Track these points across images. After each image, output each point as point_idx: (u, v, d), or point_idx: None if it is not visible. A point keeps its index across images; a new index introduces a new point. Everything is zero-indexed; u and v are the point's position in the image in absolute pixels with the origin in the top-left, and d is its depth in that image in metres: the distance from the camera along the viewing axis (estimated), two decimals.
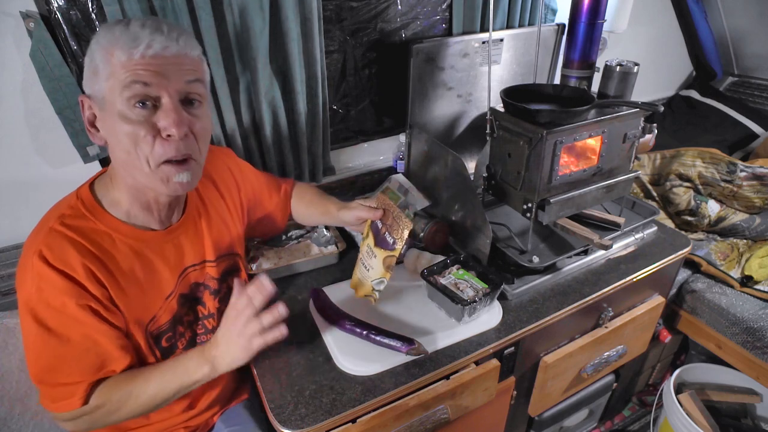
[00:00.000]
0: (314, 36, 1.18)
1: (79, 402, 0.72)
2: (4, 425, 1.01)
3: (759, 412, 1.55)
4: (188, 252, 0.85)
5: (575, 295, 1.10)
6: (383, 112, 1.51)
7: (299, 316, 1.05)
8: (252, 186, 1.01)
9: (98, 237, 0.72)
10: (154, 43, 0.65)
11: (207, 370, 0.74)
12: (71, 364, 0.72)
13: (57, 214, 0.71)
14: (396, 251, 0.89)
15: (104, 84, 0.66)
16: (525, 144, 1.02)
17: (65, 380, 0.72)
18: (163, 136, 0.68)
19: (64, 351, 0.71)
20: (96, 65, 0.66)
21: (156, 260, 0.79)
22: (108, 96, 0.66)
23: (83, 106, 0.70)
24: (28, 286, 0.68)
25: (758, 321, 1.35)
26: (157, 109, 0.67)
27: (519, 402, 1.24)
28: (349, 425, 0.86)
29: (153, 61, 0.65)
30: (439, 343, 0.96)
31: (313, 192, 1.11)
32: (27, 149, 1.05)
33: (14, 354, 1.02)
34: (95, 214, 0.73)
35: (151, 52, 0.65)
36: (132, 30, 0.65)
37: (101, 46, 0.66)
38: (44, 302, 0.68)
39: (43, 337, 0.70)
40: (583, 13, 1.12)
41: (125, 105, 0.66)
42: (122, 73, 0.65)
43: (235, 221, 0.96)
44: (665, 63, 2.18)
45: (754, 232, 1.58)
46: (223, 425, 0.96)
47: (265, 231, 1.12)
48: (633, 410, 1.85)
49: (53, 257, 0.67)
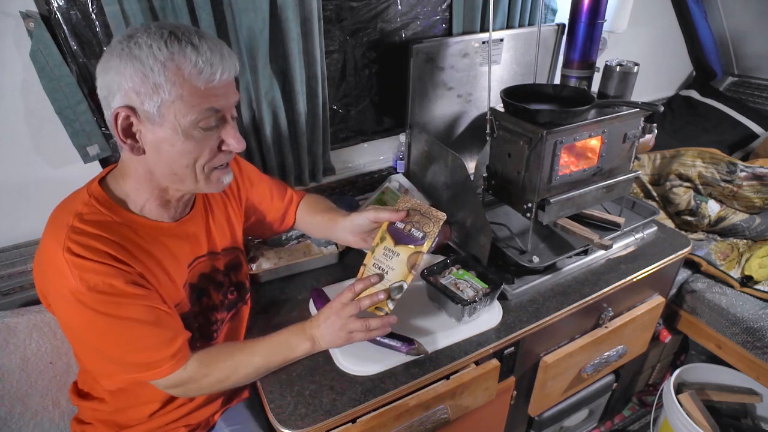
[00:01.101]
0: (314, 36, 1.18)
1: (173, 368, 0.76)
2: (4, 425, 1.01)
3: (759, 412, 1.55)
4: (197, 243, 0.87)
5: (575, 295, 1.10)
6: (383, 112, 1.51)
7: (299, 316, 1.05)
8: (253, 185, 1.02)
9: (119, 229, 0.74)
10: (225, 70, 0.68)
11: (309, 346, 0.86)
12: (146, 340, 0.74)
13: (74, 213, 0.71)
14: (425, 246, 0.83)
15: (167, 102, 0.66)
16: (525, 144, 1.02)
17: (148, 358, 0.75)
18: (223, 149, 0.74)
19: (132, 329, 0.72)
20: (158, 83, 0.65)
21: (172, 248, 0.81)
22: (167, 113, 0.67)
23: (118, 116, 0.67)
24: (70, 282, 0.67)
25: (758, 321, 1.35)
26: (218, 127, 0.72)
27: (519, 402, 1.24)
28: (349, 425, 0.86)
29: (221, 86, 0.69)
30: (439, 343, 0.96)
31: (324, 204, 1.08)
32: (27, 149, 1.05)
33: (15, 354, 1.02)
34: (111, 209, 0.75)
35: (224, 79, 0.69)
36: (203, 53, 0.66)
37: (167, 67, 0.64)
38: (93, 290, 0.68)
39: (107, 323, 0.70)
40: (583, 13, 1.12)
41: (192, 125, 0.69)
42: (194, 99, 0.67)
43: (237, 216, 0.98)
44: (665, 63, 2.18)
45: (754, 232, 1.58)
46: (224, 424, 0.97)
47: (260, 232, 1.11)
48: (633, 410, 1.85)
49: (84, 250, 0.68)
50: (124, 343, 0.73)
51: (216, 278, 0.91)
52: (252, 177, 1.02)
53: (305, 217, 1.08)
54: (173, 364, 0.76)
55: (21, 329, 1.02)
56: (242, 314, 1.00)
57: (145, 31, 0.65)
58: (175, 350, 0.76)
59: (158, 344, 0.75)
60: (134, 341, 0.73)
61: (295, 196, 1.08)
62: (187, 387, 0.80)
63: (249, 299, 1.02)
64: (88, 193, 0.75)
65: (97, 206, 0.73)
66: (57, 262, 0.68)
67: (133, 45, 0.64)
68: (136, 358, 0.75)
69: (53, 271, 0.69)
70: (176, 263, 0.82)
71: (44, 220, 0.73)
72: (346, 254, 1.23)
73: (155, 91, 0.65)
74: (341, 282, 1.13)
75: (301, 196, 1.10)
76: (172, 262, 0.80)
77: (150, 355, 0.75)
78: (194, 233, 0.86)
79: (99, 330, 0.71)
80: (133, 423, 0.88)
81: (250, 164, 1.04)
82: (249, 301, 1.02)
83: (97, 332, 0.72)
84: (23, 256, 1.09)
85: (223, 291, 0.93)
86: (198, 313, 0.88)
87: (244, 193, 1.00)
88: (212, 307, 0.91)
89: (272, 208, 1.05)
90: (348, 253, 1.24)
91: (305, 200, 1.10)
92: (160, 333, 0.75)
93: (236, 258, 0.97)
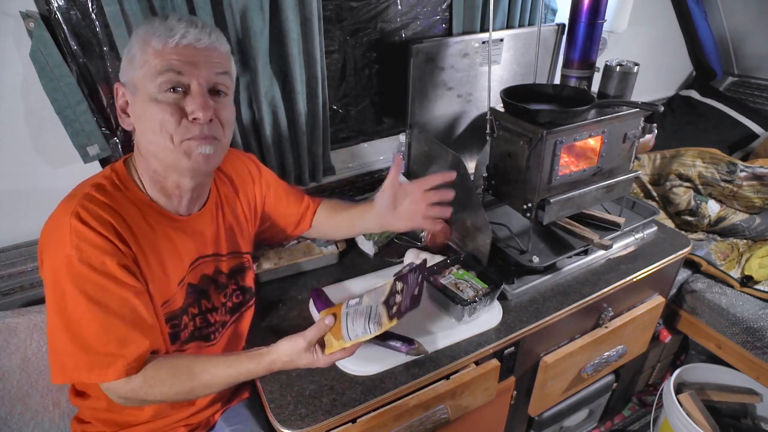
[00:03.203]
0: (314, 36, 1.18)
1: (124, 371, 0.71)
2: (5, 425, 1.01)
3: (759, 412, 1.55)
4: (203, 242, 0.87)
5: (575, 295, 1.10)
6: (383, 112, 1.51)
7: (299, 316, 1.05)
8: (270, 190, 1.02)
9: (129, 208, 0.75)
10: (188, 35, 0.71)
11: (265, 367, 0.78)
12: (114, 331, 0.70)
13: (92, 183, 0.75)
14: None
15: (138, 71, 0.71)
16: (525, 144, 1.02)
17: (109, 349, 0.70)
18: (189, 119, 0.72)
19: (104, 317, 0.70)
20: (133, 54, 0.71)
21: (176, 242, 0.81)
22: (140, 82, 0.71)
23: (117, 93, 0.75)
24: (66, 247, 0.68)
25: (758, 321, 1.35)
26: (186, 95, 0.72)
27: (519, 402, 1.24)
28: (349, 425, 0.86)
29: (185, 51, 0.71)
30: (439, 343, 0.96)
31: (343, 204, 1.09)
32: (27, 149, 1.05)
33: (15, 353, 1.02)
34: (128, 187, 0.77)
35: (185, 42, 0.70)
36: (169, 23, 0.71)
37: (140, 37, 0.71)
38: (85, 262, 0.68)
39: (80, 302, 0.69)
40: (583, 13, 1.12)
41: (157, 89, 0.70)
42: (156, 61, 0.70)
43: (248, 221, 0.98)
44: (665, 63, 2.18)
45: (754, 232, 1.58)
46: (224, 424, 0.97)
47: (274, 236, 1.10)
48: (633, 410, 1.85)
49: (90, 218, 0.69)
50: (87, 327, 0.69)
51: (218, 280, 0.91)
52: (270, 181, 1.03)
53: (326, 221, 1.08)
54: (121, 370, 0.71)
55: (21, 329, 1.02)
56: (246, 317, 0.99)
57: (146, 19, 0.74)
58: (131, 358, 0.71)
59: (116, 341, 0.70)
60: (99, 329, 0.69)
61: (312, 203, 1.08)
62: (128, 399, 0.75)
63: (253, 303, 1.01)
64: (111, 168, 0.79)
65: (116, 180, 0.77)
66: (62, 224, 0.69)
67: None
68: (93, 346, 0.70)
69: (56, 233, 0.70)
70: (177, 258, 0.81)
71: (44, 220, 0.73)
72: (345, 254, 1.23)
73: (131, 62, 0.72)
74: (341, 282, 1.13)
75: (318, 203, 1.10)
76: (172, 255, 0.80)
77: (106, 348, 0.70)
78: (201, 232, 0.86)
79: (70, 304, 0.69)
80: (134, 423, 0.88)
81: (269, 169, 1.04)
82: (253, 305, 1.01)
83: (67, 305, 0.69)
84: (23, 256, 1.09)
85: (225, 293, 0.93)
86: (196, 313, 0.88)
87: (261, 198, 1.00)
88: (212, 309, 0.90)
89: (288, 213, 1.06)
90: (348, 253, 1.24)
91: (324, 205, 1.09)
92: (125, 332, 0.71)
93: (242, 263, 0.97)
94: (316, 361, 0.78)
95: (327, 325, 0.77)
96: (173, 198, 0.81)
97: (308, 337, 0.76)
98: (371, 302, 0.78)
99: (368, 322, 0.76)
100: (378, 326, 0.76)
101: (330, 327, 0.77)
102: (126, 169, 0.79)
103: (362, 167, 1.54)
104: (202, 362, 0.77)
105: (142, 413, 0.87)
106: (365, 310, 0.77)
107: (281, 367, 0.78)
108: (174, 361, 0.77)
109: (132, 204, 0.76)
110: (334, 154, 1.46)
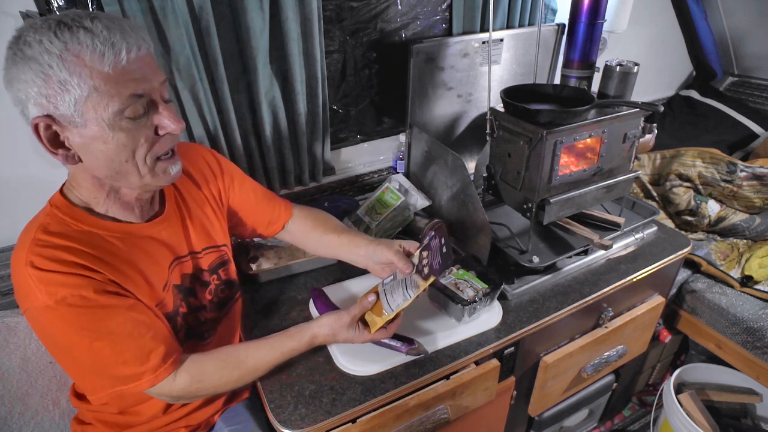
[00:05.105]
0: (314, 36, 1.18)
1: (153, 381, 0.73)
2: (5, 425, 1.01)
3: (759, 412, 1.55)
4: (174, 244, 0.84)
5: (575, 295, 1.10)
6: (383, 112, 1.51)
7: (299, 316, 1.05)
8: (234, 183, 0.97)
9: (86, 237, 0.71)
10: (132, 48, 0.61)
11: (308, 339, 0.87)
12: (122, 354, 0.70)
13: (36, 226, 0.69)
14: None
15: (81, 98, 0.60)
16: (525, 144, 1.02)
17: (131, 368, 0.71)
18: (160, 134, 0.68)
19: (108, 342, 0.69)
20: (62, 79, 0.59)
21: (148, 250, 0.79)
22: (87, 110, 0.61)
23: (38, 128, 0.63)
24: (39, 298, 0.65)
25: (758, 321, 1.35)
26: (149, 112, 0.66)
27: (519, 402, 1.24)
28: (349, 425, 0.86)
29: (134, 66, 0.62)
30: (439, 343, 0.96)
31: (334, 223, 1.04)
32: (26, 149, 1.05)
33: (15, 353, 1.02)
34: (75, 216, 0.72)
35: (133, 56, 0.62)
36: (99, 35, 0.59)
37: (65, 59, 0.58)
38: (63, 303, 0.65)
39: (82, 336, 0.68)
40: (583, 13, 1.12)
41: (116, 117, 0.63)
42: (109, 86, 0.61)
43: (216, 213, 0.94)
44: (665, 63, 2.18)
45: (754, 232, 1.58)
46: (223, 424, 0.97)
47: (243, 233, 1.05)
48: (633, 410, 1.85)
49: (46, 262, 0.65)
50: (100, 356, 0.69)
51: (201, 277, 0.89)
52: (233, 174, 0.97)
53: (309, 232, 1.02)
54: (153, 377, 0.73)
55: (21, 329, 1.02)
56: (235, 311, 0.98)
57: (31, 27, 0.59)
58: (154, 363, 0.72)
59: (134, 358, 0.71)
60: (111, 354, 0.70)
61: (285, 205, 1.03)
62: (181, 397, 0.78)
63: (240, 296, 0.99)
64: (50, 204, 0.73)
65: (60, 215, 0.71)
66: (23, 277, 0.65)
67: (23, 46, 0.58)
68: (114, 372, 0.71)
69: (22, 287, 0.66)
70: (154, 265, 0.79)
71: None
72: None
73: (64, 89, 0.59)
74: (341, 282, 1.13)
75: (291, 205, 1.04)
76: (148, 263, 0.78)
77: (128, 369, 0.71)
78: (170, 234, 0.83)
79: (74, 343, 0.68)
80: (134, 423, 0.88)
81: (232, 164, 0.99)
82: (240, 297, 0.99)
83: (73, 346, 0.69)
84: None
85: (210, 290, 0.91)
86: (187, 313, 0.87)
87: (224, 193, 0.96)
88: (200, 307, 0.89)
89: (257, 211, 1.01)
90: None
91: (307, 214, 1.04)
92: (136, 345, 0.71)
93: (222, 256, 0.94)
94: (358, 336, 0.86)
95: (370, 302, 0.86)
96: (134, 209, 0.77)
97: (353, 312, 0.85)
98: (404, 276, 0.86)
99: (406, 289, 0.84)
100: (416, 288, 0.83)
101: (373, 304, 0.87)
102: (67, 201, 0.73)
103: (362, 167, 1.54)
104: (244, 349, 0.83)
105: (142, 414, 0.87)
106: (401, 283, 0.85)
107: (322, 341, 0.87)
108: (217, 354, 0.81)
109: (87, 232, 0.71)
110: (334, 154, 1.46)
